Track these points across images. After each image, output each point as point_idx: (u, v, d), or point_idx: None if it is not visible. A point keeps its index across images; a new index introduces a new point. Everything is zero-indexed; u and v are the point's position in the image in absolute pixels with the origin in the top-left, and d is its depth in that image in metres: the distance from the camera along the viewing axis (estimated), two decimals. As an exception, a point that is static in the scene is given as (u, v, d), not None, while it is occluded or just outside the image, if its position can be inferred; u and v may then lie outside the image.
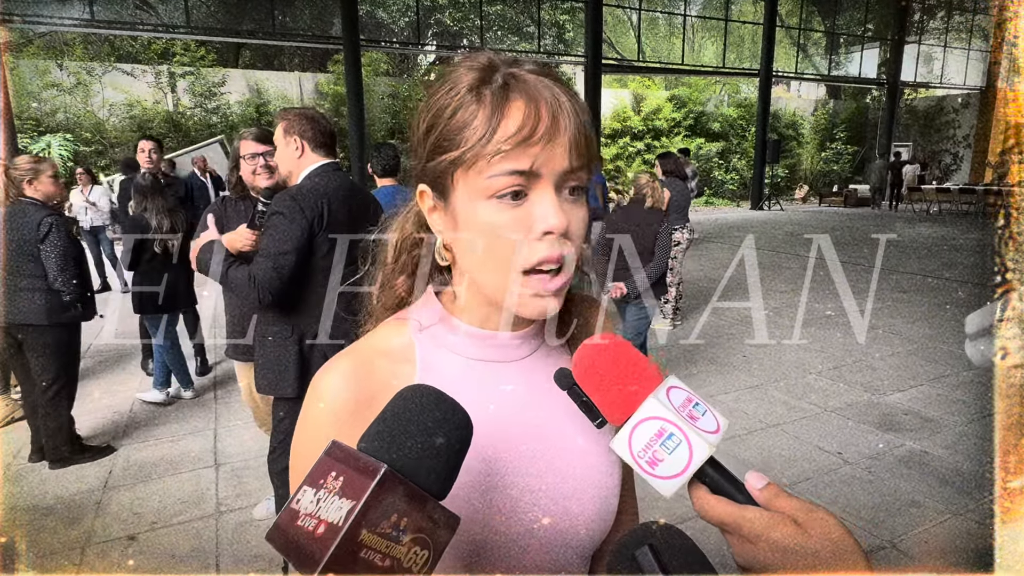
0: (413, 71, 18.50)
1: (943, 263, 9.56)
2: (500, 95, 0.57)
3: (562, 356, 0.73)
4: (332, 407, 0.61)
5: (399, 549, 0.41)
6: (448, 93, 0.60)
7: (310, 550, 0.40)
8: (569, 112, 0.58)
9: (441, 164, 0.60)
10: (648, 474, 0.52)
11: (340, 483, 0.42)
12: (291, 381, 2.11)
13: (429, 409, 0.48)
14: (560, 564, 0.66)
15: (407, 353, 0.66)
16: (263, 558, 2.63)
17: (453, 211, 0.61)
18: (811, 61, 20.57)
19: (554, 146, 0.57)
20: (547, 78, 0.59)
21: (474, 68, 0.60)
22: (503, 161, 0.56)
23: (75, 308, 3.34)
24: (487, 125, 0.56)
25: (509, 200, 0.58)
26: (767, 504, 0.50)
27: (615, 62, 17.95)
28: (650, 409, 0.53)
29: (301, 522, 0.42)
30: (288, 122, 2.14)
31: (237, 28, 14.52)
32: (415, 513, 0.42)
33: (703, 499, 0.52)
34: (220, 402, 4.38)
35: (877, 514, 2.98)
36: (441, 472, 0.46)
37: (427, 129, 0.61)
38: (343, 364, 0.64)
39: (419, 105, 0.64)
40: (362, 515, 0.40)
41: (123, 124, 12.76)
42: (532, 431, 0.67)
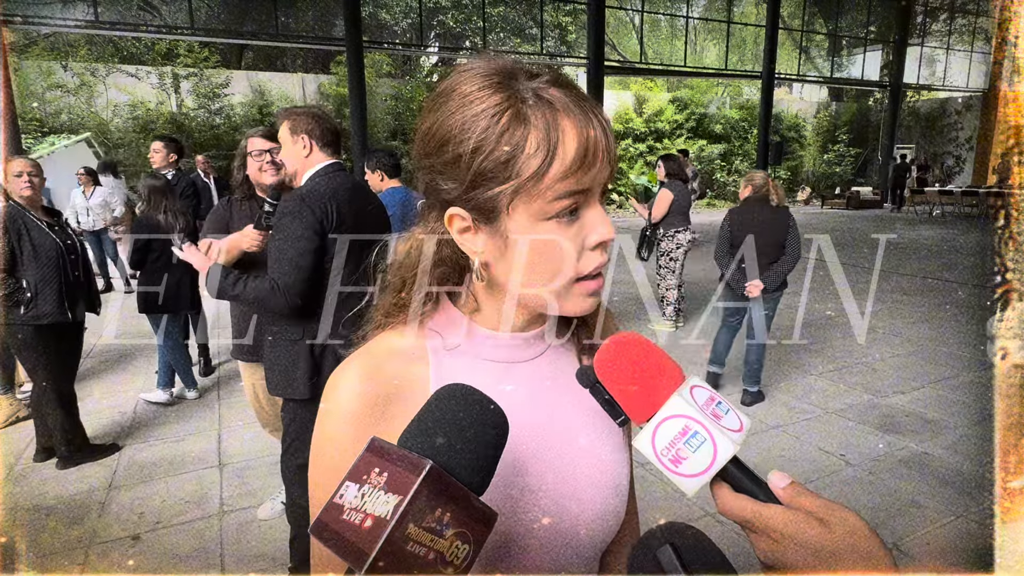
0: (415, 73, 18.51)
1: (944, 265, 9.54)
2: (549, 117, 0.57)
3: (567, 356, 0.73)
4: (348, 406, 0.63)
5: (442, 543, 0.42)
6: (484, 115, 0.57)
7: (358, 543, 0.41)
8: (606, 127, 0.60)
9: (496, 194, 0.58)
10: (672, 472, 0.52)
11: (385, 478, 0.43)
12: (302, 383, 2.09)
13: (466, 407, 0.49)
14: (560, 564, 0.67)
15: (420, 355, 0.67)
16: (266, 558, 2.64)
17: (503, 234, 0.61)
18: (813, 63, 20.55)
19: (604, 163, 0.60)
20: (573, 92, 0.60)
21: (494, 83, 0.58)
22: (567, 186, 0.58)
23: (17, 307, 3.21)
24: (545, 151, 0.56)
25: (567, 217, 0.60)
26: (790, 503, 0.50)
27: (617, 64, 17.96)
28: (675, 407, 0.53)
29: (347, 516, 0.43)
30: (294, 121, 2.12)
31: (240, 29, 14.55)
32: (457, 508, 0.43)
33: (726, 497, 0.52)
34: (224, 402, 4.39)
35: (879, 515, 2.98)
36: (480, 468, 0.47)
37: (470, 153, 0.58)
38: (357, 364, 0.65)
39: (439, 123, 0.60)
40: (408, 509, 0.41)
41: (127, 125, 12.80)
42: (531, 431, 0.68)
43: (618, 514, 0.70)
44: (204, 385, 4.65)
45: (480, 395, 0.50)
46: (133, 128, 12.74)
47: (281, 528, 2.77)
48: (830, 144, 21.11)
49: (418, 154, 0.64)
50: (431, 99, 0.63)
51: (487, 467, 0.48)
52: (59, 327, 3.34)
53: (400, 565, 0.40)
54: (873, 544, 0.47)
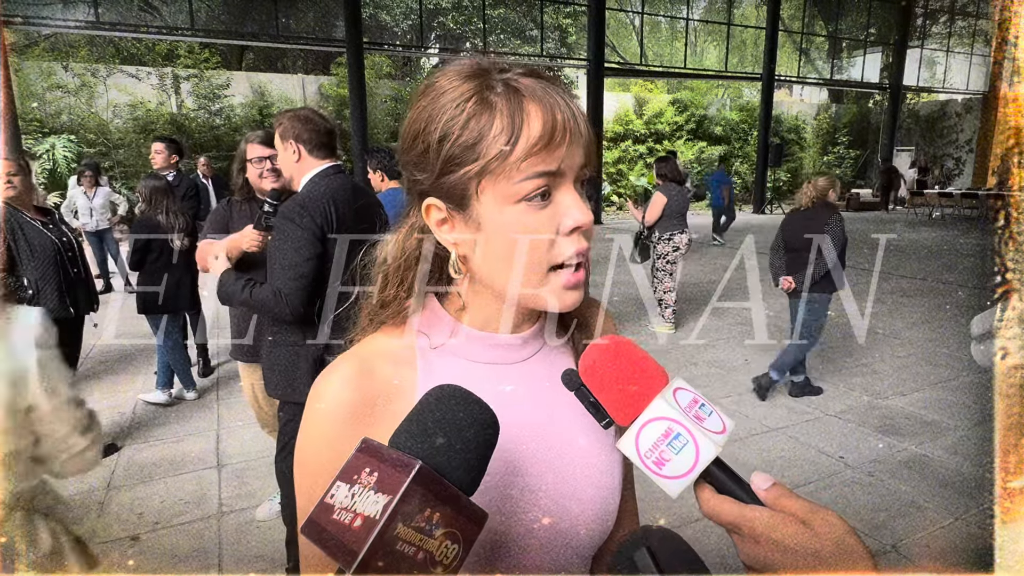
0: (416, 74, 18.53)
1: (944, 266, 9.55)
2: (513, 101, 0.58)
3: (563, 357, 0.73)
4: (334, 409, 0.62)
5: (432, 543, 0.42)
6: (451, 104, 0.59)
7: (348, 542, 0.41)
8: (576, 111, 0.60)
9: (462, 177, 0.59)
10: (655, 474, 0.52)
11: (375, 479, 0.43)
12: (303, 384, 2.07)
13: (456, 408, 0.49)
14: (560, 564, 0.67)
15: (408, 356, 0.67)
16: (265, 559, 2.64)
17: (476, 220, 0.61)
18: (813, 65, 20.58)
19: (573, 145, 0.59)
20: (543, 80, 0.60)
21: (465, 76, 0.60)
22: (533, 165, 0.58)
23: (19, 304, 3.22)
24: (509, 132, 0.57)
25: (538, 201, 0.59)
26: (773, 504, 0.50)
27: (617, 66, 17.96)
28: (657, 410, 0.53)
29: (337, 516, 0.43)
30: (283, 126, 2.08)
31: (241, 30, 14.57)
32: (446, 508, 0.44)
33: (709, 499, 0.52)
34: (222, 403, 4.39)
35: (878, 517, 2.98)
36: (470, 468, 0.47)
37: (437, 142, 0.60)
38: (344, 367, 0.65)
39: (413, 118, 0.62)
40: (398, 509, 0.41)
41: (127, 126, 12.80)
42: (531, 432, 0.67)
43: (611, 513, 0.71)
44: (203, 386, 4.66)
45: (468, 395, 0.50)
46: (133, 129, 12.75)
47: (279, 529, 2.76)
48: (830, 146, 21.12)
49: (399, 151, 0.66)
50: (411, 98, 0.65)
51: (477, 467, 0.48)
52: (60, 323, 3.35)
53: (389, 565, 0.40)
54: (854, 545, 0.48)
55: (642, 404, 0.54)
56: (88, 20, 11.39)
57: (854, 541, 0.48)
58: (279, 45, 14.74)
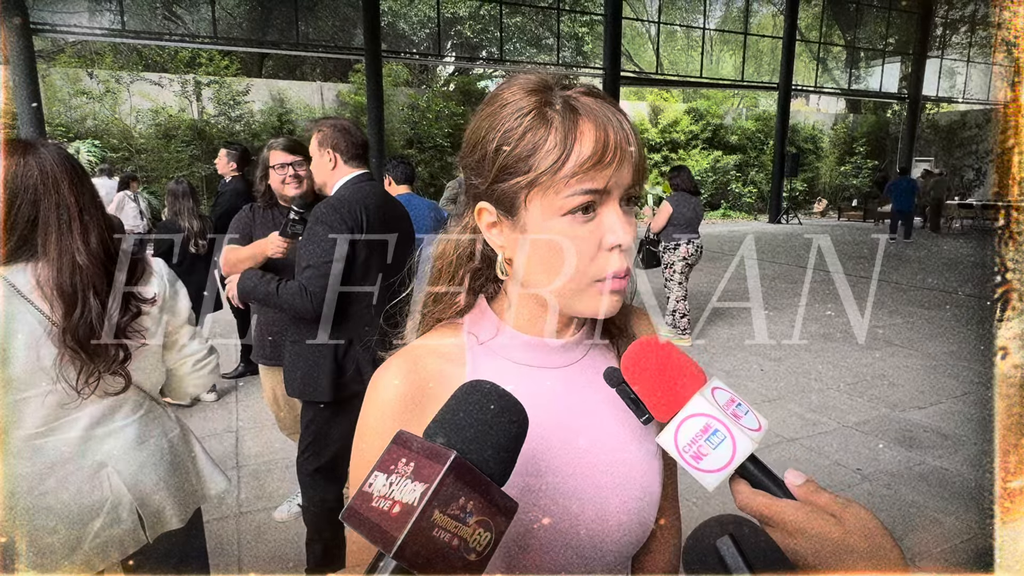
0: (432, 82, 18.68)
1: (963, 278, 9.43)
2: (569, 118, 0.61)
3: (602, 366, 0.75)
4: (388, 402, 0.66)
5: (466, 530, 0.45)
6: (511, 116, 0.62)
7: (387, 528, 0.43)
8: (630, 133, 0.62)
9: (513, 186, 0.63)
10: (692, 467, 0.55)
11: (411, 468, 0.46)
12: (325, 385, 2.11)
13: (488, 401, 0.51)
14: (560, 564, 0.68)
15: (458, 354, 0.70)
16: (284, 559, 2.67)
17: (522, 227, 0.65)
18: (831, 75, 20.46)
19: (623, 165, 0.62)
20: (602, 100, 0.63)
21: (528, 90, 0.63)
22: (580, 182, 0.60)
23: None
24: (562, 148, 0.60)
25: (581, 215, 0.62)
26: (805, 499, 0.53)
27: (633, 75, 18.01)
28: (697, 406, 0.56)
29: (376, 503, 0.46)
30: (323, 134, 2.18)
31: (261, 39, 14.80)
32: (479, 497, 0.46)
33: (744, 493, 0.54)
34: (242, 404, 4.44)
35: (896, 531, 2.94)
36: (502, 459, 0.50)
37: (495, 150, 0.63)
38: (399, 362, 0.69)
39: (475, 126, 0.66)
40: (434, 496, 0.43)
41: (149, 131, 13.01)
42: (561, 435, 0.69)
43: (647, 520, 0.72)
44: (223, 387, 4.71)
45: (499, 390, 0.53)
46: (155, 134, 12.96)
47: (298, 530, 2.80)
48: (847, 156, 20.94)
49: (460, 157, 0.69)
50: (477, 108, 0.68)
51: (508, 459, 0.50)
52: None
53: (426, 549, 0.43)
54: (885, 540, 0.49)
55: (682, 401, 0.56)
56: (114, 28, 11.63)
57: (885, 535, 0.50)
58: (299, 53, 14.94)
